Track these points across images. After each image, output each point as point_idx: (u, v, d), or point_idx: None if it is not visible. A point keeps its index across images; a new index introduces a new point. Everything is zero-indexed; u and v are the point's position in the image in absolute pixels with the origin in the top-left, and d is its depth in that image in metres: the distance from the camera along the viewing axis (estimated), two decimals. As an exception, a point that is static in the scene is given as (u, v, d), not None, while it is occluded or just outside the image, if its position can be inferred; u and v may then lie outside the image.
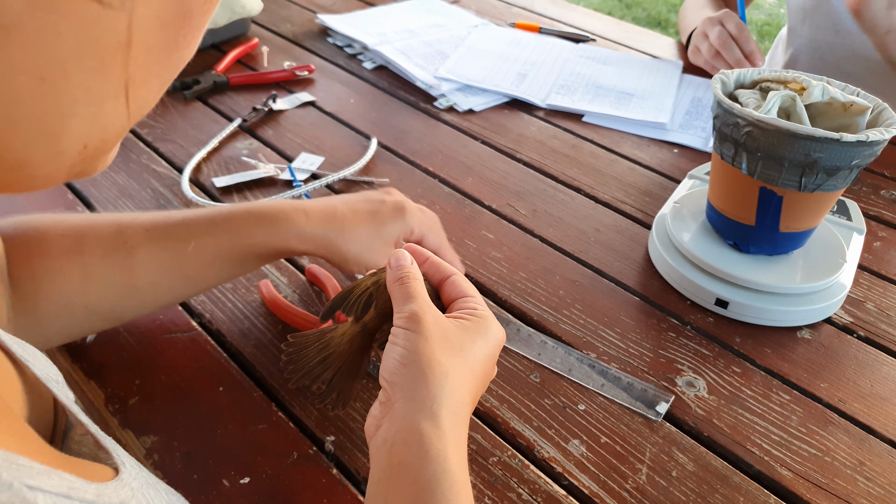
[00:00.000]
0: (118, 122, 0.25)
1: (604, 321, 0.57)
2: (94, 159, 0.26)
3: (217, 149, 0.77)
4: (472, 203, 0.71)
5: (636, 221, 0.70)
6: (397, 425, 0.35)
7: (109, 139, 0.26)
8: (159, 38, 0.24)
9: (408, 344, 0.37)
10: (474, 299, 0.42)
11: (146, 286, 0.49)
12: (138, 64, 0.23)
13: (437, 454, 0.34)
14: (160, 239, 0.48)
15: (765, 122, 0.51)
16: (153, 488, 0.30)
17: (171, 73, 0.26)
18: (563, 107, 0.89)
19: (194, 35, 0.26)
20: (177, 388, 0.49)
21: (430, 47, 1.01)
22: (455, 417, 0.36)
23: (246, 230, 0.49)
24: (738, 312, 0.58)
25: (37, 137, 0.22)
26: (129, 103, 0.25)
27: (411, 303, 0.39)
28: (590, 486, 0.45)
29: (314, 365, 0.42)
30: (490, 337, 0.41)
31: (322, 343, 0.42)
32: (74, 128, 0.23)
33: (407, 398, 0.36)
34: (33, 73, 0.21)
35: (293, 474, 0.44)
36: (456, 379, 0.37)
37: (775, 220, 0.56)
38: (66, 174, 0.25)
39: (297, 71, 0.91)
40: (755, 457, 0.47)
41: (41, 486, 0.20)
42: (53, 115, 0.22)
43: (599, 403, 0.50)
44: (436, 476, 0.33)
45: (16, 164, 0.23)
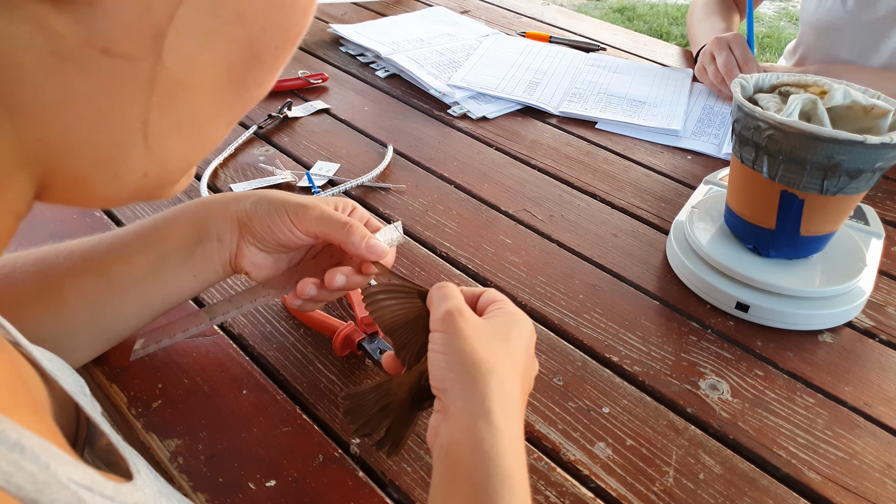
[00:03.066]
0: (182, 155, 0.26)
1: (625, 325, 0.57)
2: (158, 188, 0.27)
3: (233, 155, 0.77)
4: (488, 209, 0.71)
5: (653, 227, 0.70)
6: (452, 428, 0.35)
7: (173, 171, 0.27)
8: (227, 81, 0.24)
9: (448, 348, 0.38)
10: (501, 300, 0.43)
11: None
12: (204, 104, 0.24)
13: (489, 451, 0.34)
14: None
15: (787, 125, 0.51)
16: (167, 498, 0.31)
17: (238, 113, 0.27)
18: (576, 114, 0.89)
19: (266, 77, 0.26)
20: (200, 391, 0.49)
21: (442, 56, 1.01)
22: (507, 412, 0.36)
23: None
24: (759, 316, 0.58)
25: (94, 161, 0.23)
26: (196, 140, 0.26)
27: (446, 302, 0.40)
28: (617, 489, 0.44)
29: (374, 414, 0.42)
30: (523, 328, 0.41)
31: (380, 392, 0.42)
32: (133, 157, 0.24)
33: (459, 401, 0.36)
34: (89, 103, 0.21)
35: (319, 477, 0.44)
36: (503, 373, 0.37)
37: (796, 223, 0.56)
38: (129, 198, 0.26)
39: (310, 79, 0.91)
40: (782, 460, 0.47)
41: (70, 476, 0.21)
42: (109, 144, 0.23)
43: (624, 406, 0.50)
44: (489, 474, 0.33)
45: (75, 181, 0.24)
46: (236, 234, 0.47)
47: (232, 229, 0.47)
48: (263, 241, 0.47)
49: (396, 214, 0.69)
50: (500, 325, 0.40)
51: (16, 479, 0.17)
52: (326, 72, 0.95)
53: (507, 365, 0.38)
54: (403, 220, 0.68)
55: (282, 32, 0.25)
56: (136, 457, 0.31)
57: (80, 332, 0.46)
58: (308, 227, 0.47)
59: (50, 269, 0.45)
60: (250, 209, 0.47)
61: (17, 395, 0.23)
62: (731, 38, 0.94)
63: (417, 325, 0.43)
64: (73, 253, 0.46)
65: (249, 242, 0.48)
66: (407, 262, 0.62)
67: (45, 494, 0.18)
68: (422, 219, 0.68)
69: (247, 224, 0.47)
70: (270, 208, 0.47)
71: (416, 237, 0.66)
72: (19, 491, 0.17)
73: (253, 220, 0.47)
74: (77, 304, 0.45)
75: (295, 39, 0.26)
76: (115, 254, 0.46)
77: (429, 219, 0.68)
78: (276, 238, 0.47)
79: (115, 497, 0.23)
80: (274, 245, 0.48)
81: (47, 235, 0.62)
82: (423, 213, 0.69)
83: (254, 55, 0.24)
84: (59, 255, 0.46)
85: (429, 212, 0.70)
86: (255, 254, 0.48)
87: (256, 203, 0.47)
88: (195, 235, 0.47)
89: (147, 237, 0.47)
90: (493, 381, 0.36)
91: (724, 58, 0.93)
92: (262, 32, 0.24)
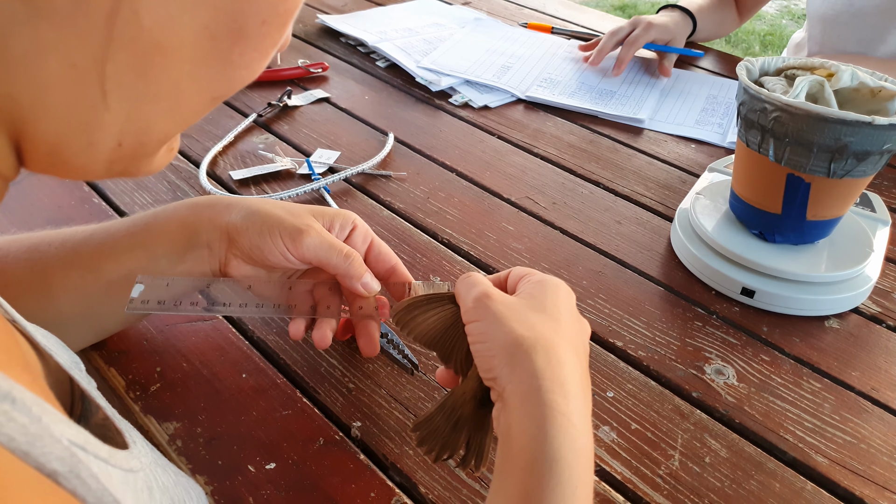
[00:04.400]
0: (158, 126, 0.25)
1: (629, 310, 0.57)
2: (135, 160, 0.26)
3: (233, 143, 0.76)
4: (490, 196, 0.70)
5: (657, 214, 0.69)
6: (508, 413, 0.34)
7: (149, 143, 0.25)
8: (209, 51, 0.23)
9: (485, 335, 0.36)
10: (529, 272, 0.41)
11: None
12: (184, 73, 0.23)
13: (536, 433, 0.32)
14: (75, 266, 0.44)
15: (794, 107, 0.50)
16: (162, 468, 0.30)
17: (223, 90, 0.26)
18: (541, 99, 0.89)
19: (253, 57, 0.25)
20: (199, 375, 0.48)
21: (430, 45, 1.01)
22: (562, 385, 0.33)
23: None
24: (765, 301, 0.57)
25: (68, 126, 0.22)
26: (174, 111, 0.25)
27: (473, 290, 0.38)
28: (622, 472, 0.44)
29: (447, 434, 0.39)
30: (559, 292, 0.39)
31: (447, 410, 0.39)
32: (107, 122, 0.23)
33: (509, 385, 0.34)
34: (63, 58, 0.21)
35: (320, 460, 0.43)
36: (548, 345, 0.35)
37: (802, 207, 0.56)
38: (104, 169, 0.25)
39: (311, 68, 0.91)
40: (789, 444, 0.47)
41: (64, 433, 0.20)
42: (84, 105, 0.22)
43: (628, 391, 0.49)
44: (535, 457, 0.31)
45: (49, 148, 0.23)
46: (225, 245, 0.46)
47: (221, 239, 0.45)
48: (251, 259, 0.46)
49: (397, 202, 0.68)
50: (533, 296, 0.38)
51: (6, 430, 0.17)
52: (327, 61, 0.94)
53: (549, 335, 0.35)
54: (404, 208, 0.67)
55: (269, 6, 0.24)
56: (131, 429, 0.30)
57: (70, 325, 0.45)
58: (304, 253, 0.44)
59: (41, 258, 0.44)
60: (241, 224, 0.44)
61: (11, 354, 0.22)
62: (649, 19, 0.98)
63: (457, 328, 0.40)
64: (66, 244, 0.45)
65: (237, 256, 0.46)
66: (408, 248, 0.62)
67: (36, 447, 0.17)
68: (423, 206, 0.68)
69: (235, 239, 0.45)
70: (263, 228, 0.44)
71: (417, 224, 0.65)
72: (10, 442, 0.17)
73: (241, 237, 0.44)
74: (66, 298, 0.44)
75: (284, 17, 0.25)
76: (106, 250, 0.45)
77: (430, 206, 0.68)
78: (265, 259, 0.45)
79: (110, 460, 0.23)
80: (263, 265, 0.46)
81: (45, 221, 0.61)
82: (424, 201, 0.69)
83: (239, 28, 0.24)
84: (51, 244, 0.45)
85: (430, 199, 0.69)
86: (243, 267, 0.46)
87: (248, 218, 0.45)
88: (185, 240, 0.45)
89: (138, 236, 0.46)
90: (538, 356, 0.34)
91: (622, 26, 0.97)
92: (249, 4, 0.23)
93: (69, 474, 0.19)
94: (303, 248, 0.44)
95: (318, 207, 0.48)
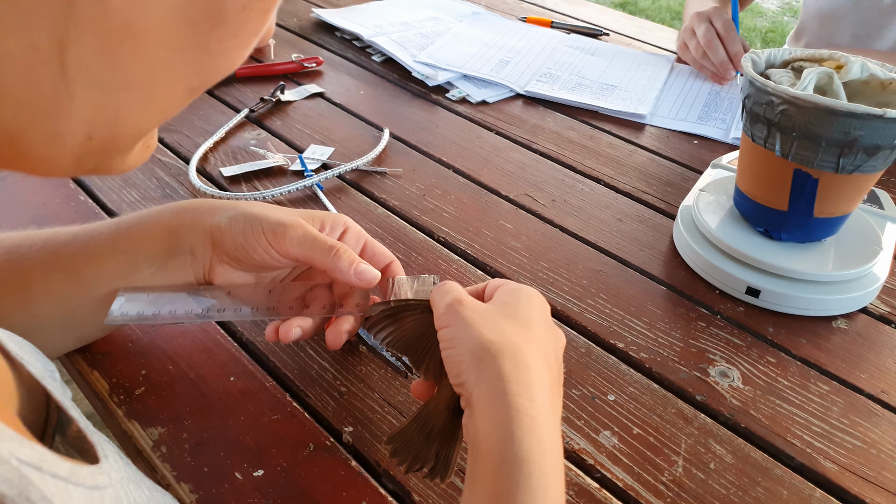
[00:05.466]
0: (131, 118, 0.23)
1: (630, 311, 0.55)
2: (107, 156, 0.24)
3: (224, 139, 0.74)
4: (488, 193, 0.69)
5: (659, 211, 0.67)
6: (475, 418, 0.34)
7: (122, 137, 0.24)
8: (185, 37, 0.22)
9: (455, 340, 0.36)
10: (504, 282, 0.41)
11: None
12: (158, 59, 0.21)
13: (504, 435, 0.32)
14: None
15: (802, 99, 0.49)
16: (135, 483, 0.28)
17: (201, 81, 0.24)
18: (541, 94, 0.87)
19: (232, 45, 0.24)
20: (185, 377, 0.46)
21: (426, 39, 0.99)
22: (528, 390, 0.33)
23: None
24: (771, 301, 0.55)
25: (28, 113, 0.20)
26: (148, 102, 0.23)
27: (445, 297, 0.38)
28: (624, 479, 0.42)
29: (420, 445, 0.39)
30: (531, 300, 0.39)
31: (420, 421, 0.39)
32: (74, 112, 0.21)
33: (476, 389, 0.34)
34: (23, 38, 0.19)
35: (310, 466, 0.41)
36: (516, 351, 0.35)
37: (809, 204, 0.54)
38: (73, 165, 0.23)
39: (305, 62, 0.89)
40: (797, 449, 0.45)
41: (14, 452, 0.19)
42: (47, 91, 0.20)
43: (630, 394, 0.48)
44: (503, 459, 0.31)
45: (8, 137, 0.21)
46: (209, 249, 0.44)
47: (205, 244, 0.44)
48: (238, 260, 0.44)
49: (392, 199, 0.66)
50: (505, 303, 0.38)
51: None
52: (321, 56, 0.93)
53: (518, 341, 0.35)
54: (399, 205, 0.66)
55: None
56: (105, 443, 0.29)
57: (49, 329, 0.44)
58: (288, 248, 0.42)
59: (21, 260, 0.42)
60: (224, 224, 0.43)
61: None
62: (711, 10, 0.91)
63: (430, 335, 0.40)
64: (46, 246, 0.43)
65: (223, 261, 0.44)
66: (403, 247, 0.60)
67: None
68: (419, 203, 0.66)
69: (220, 240, 0.43)
70: (246, 225, 0.42)
71: (413, 222, 0.63)
72: None
73: (225, 237, 0.43)
74: (46, 302, 0.42)
75: (267, 2, 0.24)
76: (88, 254, 0.43)
77: (426, 203, 0.66)
78: (250, 258, 0.43)
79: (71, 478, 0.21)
80: (250, 265, 0.44)
81: (29, 219, 0.59)
82: (420, 198, 0.67)
83: (218, 12, 0.22)
84: (32, 245, 0.43)
85: (426, 196, 0.67)
86: (230, 272, 0.45)
87: (232, 218, 0.43)
88: (167, 245, 0.44)
89: (121, 240, 0.44)
90: (505, 360, 0.34)
91: (704, 30, 0.89)
92: None
93: (18, 497, 0.17)
94: (286, 242, 0.42)
95: (309, 210, 0.46)
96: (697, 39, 0.90)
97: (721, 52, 0.89)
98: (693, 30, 0.91)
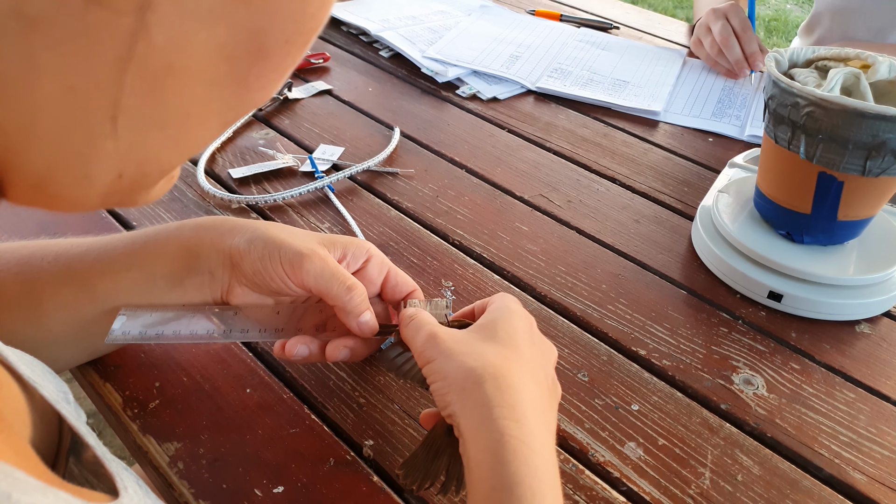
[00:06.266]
0: (164, 155, 0.22)
1: (651, 316, 0.54)
2: (133, 192, 0.23)
3: (231, 139, 0.73)
4: (502, 194, 0.67)
5: (676, 212, 0.66)
6: (466, 447, 0.34)
7: (151, 174, 0.23)
8: (224, 73, 0.21)
9: (439, 374, 0.36)
10: (488, 301, 0.42)
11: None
12: (196, 96, 0.21)
13: (492, 460, 0.32)
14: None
15: (829, 101, 0.48)
16: None
17: (235, 114, 0.23)
18: (553, 90, 0.85)
19: (270, 78, 0.22)
20: (200, 390, 0.45)
21: (435, 33, 0.97)
22: (513, 412, 0.33)
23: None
24: (793, 306, 0.54)
25: (60, 155, 0.19)
26: (182, 139, 0.22)
27: (419, 333, 0.38)
28: (651, 492, 0.41)
29: (428, 464, 0.38)
30: (512, 318, 0.39)
31: (428, 443, 0.39)
32: (107, 152, 0.20)
33: (463, 419, 0.34)
34: (60, 79, 0.18)
35: (330, 482, 0.40)
36: (497, 374, 0.35)
37: (834, 207, 0.53)
38: (99, 201, 0.22)
39: (312, 59, 0.87)
40: (825, 459, 0.44)
41: (36, 503, 0.18)
42: (81, 133, 0.19)
43: (654, 403, 0.47)
44: (493, 485, 0.31)
45: (37, 181, 0.20)
46: (228, 271, 0.43)
47: (224, 265, 0.43)
48: (256, 284, 0.43)
49: (405, 201, 0.65)
50: (483, 327, 0.38)
51: None
52: (328, 51, 0.91)
53: (499, 363, 0.35)
54: (413, 207, 0.64)
55: (294, 24, 0.21)
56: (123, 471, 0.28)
57: (60, 344, 0.43)
58: (304, 280, 0.41)
59: (33, 273, 0.41)
60: (244, 248, 0.42)
61: None
62: (727, 7, 0.89)
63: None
64: (59, 259, 0.42)
65: (242, 283, 0.43)
66: (418, 251, 0.59)
67: None
68: (432, 205, 0.65)
69: (238, 263, 0.42)
70: (264, 252, 0.41)
71: (426, 225, 0.62)
72: None
73: (244, 261, 0.42)
74: (57, 316, 0.41)
75: (309, 35, 0.22)
76: (102, 268, 0.42)
77: (440, 205, 0.65)
78: (267, 285, 0.42)
79: None
80: (267, 291, 0.43)
81: (34, 225, 0.58)
82: (433, 200, 0.66)
83: (259, 47, 0.21)
84: (44, 258, 0.42)
85: (439, 198, 0.66)
86: (248, 294, 0.44)
87: (251, 242, 0.42)
88: (185, 263, 0.43)
89: (136, 255, 0.43)
90: (487, 384, 0.34)
91: (720, 27, 0.88)
92: (272, 21, 0.21)
93: None
94: (302, 273, 0.41)
95: (331, 235, 0.45)
96: (713, 36, 0.89)
97: (737, 51, 0.87)
98: (709, 26, 0.90)
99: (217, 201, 0.63)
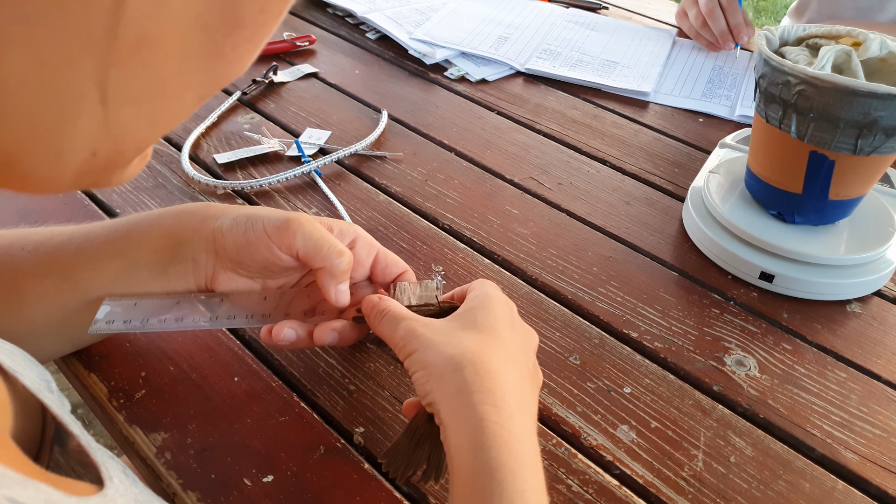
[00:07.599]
0: (139, 132, 0.21)
1: (642, 298, 0.54)
2: (107, 171, 0.22)
3: (216, 123, 0.72)
4: (492, 177, 0.67)
5: (667, 193, 0.66)
6: (447, 434, 0.34)
7: (126, 151, 0.22)
8: (200, 43, 0.20)
9: (419, 364, 0.36)
10: (469, 287, 0.42)
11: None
12: (170, 69, 0.20)
13: (472, 447, 0.32)
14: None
15: (820, 79, 0.47)
16: None
17: (211, 88, 0.22)
18: (542, 72, 0.85)
19: (246, 49, 0.22)
20: (187, 379, 0.45)
21: (422, 15, 0.96)
22: (493, 398, 0.33)
23: None
24: (785, 286, 0.54)
25: (31, 133, 0.19)
26: (157, 114, 0.21)
27: (398, 327, 0.38)
28: (644, 475, 0.41)
29: (411, 452, 0.38)
30: (492, 305, 0.39)
31: (410, 431, 0.39)
32: (80, 129, 0.19)
33: (443, 407, 0.34)
34: (30, 53, 0.17)
35: (321, 471, 0.40)
36: (476, 360, 0.35)
37: (825, 187, 0.53)
38: (72, 181, 0.21)
39: (297, 41, 0.86)
40: (817, 439, 0.44)
41: (16, 497, 0.18)
42: (53, 110, 0.18)
43: (646, 386, 0.47)
44: (474, 471, 0.31)
45: (7, 160, 0.19)
46: (212, 257, 0.42)
47: (207, 250, 0.42)
48: (242, 263, 0.42)
49: (394, 185, 0.64)
50: (463, 316, 0.38)
51: None
52: (314, 34, 0.90)
53: (477, 349, 0.35)
54: (401, 191, 0.64)
55: None
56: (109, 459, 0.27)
57: (43, 335, 0.42)
58: (291, 243, 0.40)
59: (13, 263, 0.40)
60: (226, 227, 0.41)
61: None
62: None
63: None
64: (39, 249, 0.41)
65: (227, 267, 0.42)
66: (408, 235, 0.58)
67: None
68: (421, 189, 0.64)
69: (222, 244, 0.41)
70: (248, 225, 0.41)
71: (416, 209, 0.61)
72: None
73: (227, 239, 0.41)
74: (39, 307, 0.40)
75: (283, 4, 0.22)
76: (84, 257, 0.41)
77: (429, 189, 0.64)
78: (254, 259, 0.41)
79: None
80: (255, 268, 0.42)
81: (15, 213, 0.57)
82: (422, 183, 0.65)
83: (235, 16, 0.20)
84: (24, 247, 0.41)
85: (428, 181, 0.65)
86: (234, 279, 0.43)
87: (235, 220, 0.41)
88: (168, 251, 0.42)
89: (118, 244, 0.42)
90: (466, 371, 0.34)
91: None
92: None
93: None
94: (289, 234, 0.40)
95: (319, 217, 0.44)
96: (699, 7, 0.88)
97: (722, 22, 0.87)
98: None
99: (202, 187, 0.62)
